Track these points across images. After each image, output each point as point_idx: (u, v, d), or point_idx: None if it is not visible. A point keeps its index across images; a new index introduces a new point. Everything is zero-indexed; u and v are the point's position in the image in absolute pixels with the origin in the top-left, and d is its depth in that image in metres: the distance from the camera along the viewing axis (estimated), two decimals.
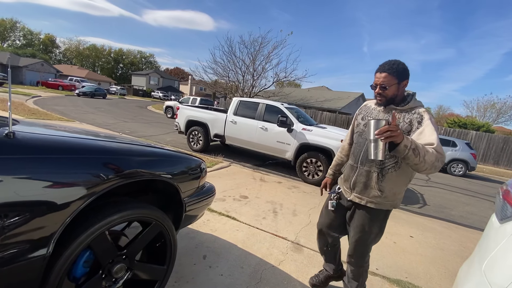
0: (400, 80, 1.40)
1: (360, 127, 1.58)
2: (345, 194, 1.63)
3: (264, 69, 16.30)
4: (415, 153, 1.20)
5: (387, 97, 1.42)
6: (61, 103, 14.82)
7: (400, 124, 1.39)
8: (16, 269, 0.86)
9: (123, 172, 1.22)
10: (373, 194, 1.47)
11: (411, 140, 1.21)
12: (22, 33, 56.68)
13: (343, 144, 1.84)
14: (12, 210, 0.84)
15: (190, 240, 2.32)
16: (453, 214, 4.81)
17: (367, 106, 1.64)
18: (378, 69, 1.42)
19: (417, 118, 1.37)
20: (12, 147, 0.87)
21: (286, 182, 4.92)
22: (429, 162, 1.23)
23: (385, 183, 1.44)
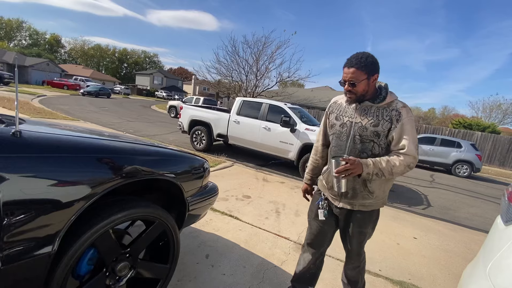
0: (370, 74, 1.30)
1: (336, 128, 1.45)
2: (333, 202, 1.51)
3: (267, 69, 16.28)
4: (379, 175, 1.27)
5: (357, 94, 1.33)
6: (66, 103, 14.96)
7: (380, 122, 1.31)
8: (22, 266, 0.88)
9: (127, 171, 1.23)
10: (364, 198, 1.39)
11: (373, 165, 1.25)
12: (28, 33, 57.35)
13: (316, 145, 1.68)
14: (19, 208, 0.85)
15: (193, 239, 2.34)
16: (457, 216, 4.76)
17: (338, 104, 1.51)
18: (345, 63, 1.32)
19: (396, 115, 1.30)
20: (19, 146, 0.89)
21: (289, 182, 4.91)
22: (398, 172, 1.28)
23: (374, 184, 1.37)
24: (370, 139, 1.33)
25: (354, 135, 1.36)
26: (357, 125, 1.36)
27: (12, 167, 0.84)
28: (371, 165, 1.26)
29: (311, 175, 1.71)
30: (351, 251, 1.53)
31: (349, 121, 1.39)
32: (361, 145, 1.35)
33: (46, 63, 33.78)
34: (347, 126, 1.39)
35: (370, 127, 1.32)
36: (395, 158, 1.28)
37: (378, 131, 1.31)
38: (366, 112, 1.36)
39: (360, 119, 1.35)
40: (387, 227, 3.39)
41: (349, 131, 1.38)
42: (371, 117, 1.33)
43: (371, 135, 1.32)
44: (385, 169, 1.26)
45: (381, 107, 1.34)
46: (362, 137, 1.34)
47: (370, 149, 1.35)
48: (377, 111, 1.34)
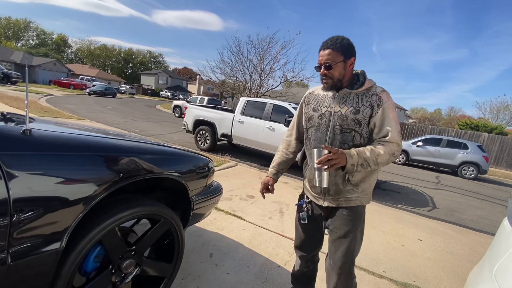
0: (347, 57, 1.23)
1: (314, 120, 1.35)
2: (317, 201, 1.40)
3: (271, 69, 16.25)
4: (364, 166, 1.18)
5: (333, 78, 1.25)
6: (72, 102, 15.15)
7: (361, 109, 1.24)
8: (31, 262, 0.89)
9: (134, 169, 1.25)
10: (348, 193, 1.30)
11: (357, 155, 1.16)
12: (36, 33, 58.21)
13: (288, 139, 1.59)
14: (28, 205, 0.87)
15: (197, 238, 2.35)
16: (463, 218, 4.71)
17: (314, 94, 1.42)
18: (321, 46, 1.26)
19: (376, 100, 1.23)
20: (29, 144, 0.91)
21: (293, 182, 4.91)
22: (383, 162, 1.20)
23: (356, 176, 1.28)
24: (350, 128, 1.25)
25: (334, 125, 1.28)
26: (336, 114, 1.28)
27: (22, 164, 0.86)
28: (355, 155, 1.16)
29: (277, 169, 1.58)
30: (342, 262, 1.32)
31: (328, 111, 1.31)
32: (341, 136, 1.27)
33: (53, 63, 34.26)
34: (326, 116, 1.31)
35: (351, 115, 1.25)
36: (380, 146, 1.20)
37: (359, 119, 1.24)
38: (345, 100, 1.28)
39: (339, 108, 1.27)
40: (391, 228, 3.36)
41: (328, 121, 1.30)
42: (351, 105, 1.26)
43: (351, 123, 1.25)
44: (370, 158, 1.17)
45: (360, 93, 1.26)
46: (342, 127, 1.26)
47: (351, 139, 1.26)
48: (357, 98, 1.26)
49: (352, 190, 1.30)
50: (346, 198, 1.31)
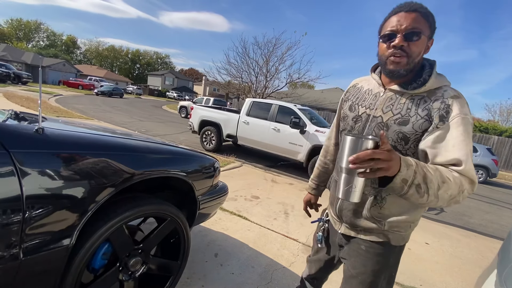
0: (431, 34, 0.86)
1: (348, 122, 1.02)
2: (334, 225, 1.10)
3: (277, 70, 16.32)
4: (420, 190, 0.72)
5: (411, 57, 0.83)
6: (81, 102, 15.40)
7: (411, 119, 0.84)
8: (42, 258, 0.91)
9: (142, 168, 1.27)
10: (369, 226, 0.95)
11: (416, 168, 0.72)
12: (46, 34, 59.54)
13: (327, 144, 1.28)
14: (40, 202, 0.89)
15: (202, 237, 2.36)
16: (472, 222, 4.63)
17: (356, 88, 1.07)
18: (399, 8, 0.85)
19: (442, 109, 0.81)
20: (42, 142, 0.93)
21: (298, 184, 4.89)
22: (446, 198, 0.75)
23: (389, 208, 0.91)
24: (391, 145, 0.86)
25: (368, 134, 0.92)
26: (375, 120, 0.92)
27: (35, 162, 0.88)
28: (414, 165, 0.72)
29: (317, 182, 1.32)
30: None
31: (366, 113, 0.96)
32: None
33: (63, 63, 34.92)
34: (362, 120, 0.96)
35: (394, 125, 0.87)
36: (447, 171, 0.77)
37: (406, 133, 0.85)
38: (393, 103, 0.90)
39: (381, 112, 0.91)
40: None
41: (362, 127, 0.96)
42: (398, 111, 0.88)
43: (393, 137, 0.87)
44: (433, 181, 0.73)
45: (417, 96, 0.87)
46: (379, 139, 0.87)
47: None
48: (409, 102, 0.87)
49: (375, 225, 0.94)
50: (363, 227, 0.97)
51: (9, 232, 0.82)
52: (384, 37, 0.86)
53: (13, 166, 0.81)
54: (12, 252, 0.83)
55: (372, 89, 0.99)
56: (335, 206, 1.05)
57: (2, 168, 0.80)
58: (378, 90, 0.96)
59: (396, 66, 0.85)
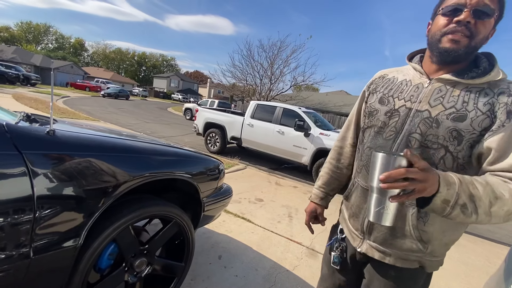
0: (499, 19, 0.73)
1: (378, 118, 0.86)
2: (352, 241, 0.93)
3: (282, 73, 16.32)
4: (466, 210, 0.62)
5: (473, 38, 0.71)
6: (87, 103, 15.61)
7: (469, 113, 0.71)
8: (51, 257, 0.94)
9: (149, 170, 1.29)
10: (408, 247, 0.80)
11: (459, 187, 0.61)
12: (55, 37, 60.84)
13: (339, 145, 1.08)
14: (50, 202, 0.91)
15: (206, 239, 2.37)
16: (479, 228, 4.55)
17: (387, 78, 0.92)
18: None
19: (509, 103, 0.69)
20: (53, 144, 0.96)
21: (302, 187, 4.88)
22: (501, 214, 0.63)
23: (431, 226, 0.77)
24: (440, 144, 0.74)
25: (411, 131, 0.77)
26: (420, 114, 0.77)
27: (46, 163, 0.91)
28: (457, 183, 0.62)
29: (326, 190, 1.11)
30: None
31: (405, 106, 0.80)
32: (420, 152, 0.76)
33: (70, 65, 35.54)
34: (400, 114, 0.81)
35: (447, 121, 0.73)
36: (501, 183, 0.65)
37: (462, 131, 0.71)
38: (443, 95, 0.75)
39: (428, 106, 0.76)
40: None
41: (401, 123, 0.80)
42: (451, 104, 0.73)
43: (445, 136, 0.73)
44: (482, 199, 0.62)
45: (475, 87, 0.73)
46: (425, 138, 0.75)
47: (437, 161, 0.75)
48: (466, 94, 0.73)
49: (415, 245, 0.79)
50: (399, 254, 0.82)
51: (21, 231, 0.84)
52: (448, 8, 0.72)
53: (25, 167, 0.84)
54: (23, 250, 0.86)
55: (411, 79, 0.84)
56: (361, 218, 0.88)
57: (15, 168, 0.83)
58: (420, 81, 0.81)
59: (454, 45, 0.71)
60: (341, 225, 1.02)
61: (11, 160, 0.82)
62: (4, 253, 0.83)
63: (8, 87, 15.27)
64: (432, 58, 0.80)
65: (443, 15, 0.74)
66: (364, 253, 0.87)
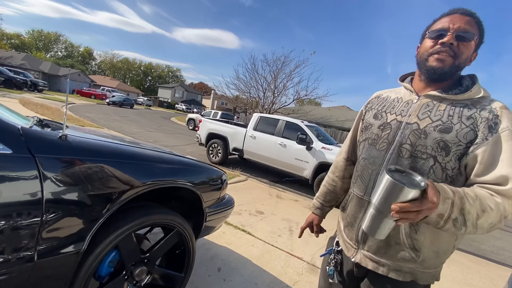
0: (479, 43, 0.82)
1: (372, 131, 0.93)
2: (347, 251, 0.96)
3: (285, 86, 16.56)
4: (456, 224, 0.67)
5: (457, 58, 0.79)
6: (92, 111, 15.79)
7: (454, 126, 0.77)
8: (55, 261, 0.94)
9: (154, 177, 1.30)
10: (401, 256, 0.82)
11: (453, 201, 0.65)
12: (64, 45, 62.42)
13: (337, 159, 1.17)
14: (58, 206, 0.92)
15: (206, 251, 2.35)
16: (482, 249, 4.46)
17: (381, 98, 1.00)
18: (454, 10, 0.82)
19: (489, 119, 0.74)
20: (65, 148, 0.98)
21: (303, 200, 4.84)
22: (485, 227, 0.68)
23: (422, 234, 0.80)
24: (428, 154, 0.78)
25: (401, 142, 0.83)
26: (409, 126, 0.83)
27: (57, 167, 0.93)
28: (451, 199, 0.65)
29: (322, 201, 1.19)
30: None
31: (397, 120, 0.87)
32: (411, 162, 0.81)
33: (78, 73, 36.21)
34: (392, 127, 0.87)
35: (434, 132, 0.78)
36: (488, 196, 0.69)
37: (448, 142, 0.76)
38: (430, 109, 0.82)
39: (417, 119, 0.83)
40: None
41: (393, 135, 0.86)
42: (438, 117, 0.80)
43: (433, 146, 0.78)
44: (471, 213, 0.66)
45: (459, 103, 0.80)
46: (414, 148, 0.81)
47: (427, 171, 0.79)
48: (451, 108, 0.80)
49: (407, 254, 0.82)
50: (392, 263, 0.84)
51: (27, 233, 0.85)
52: (433, 33, 0.82)
53: (36, 170, 0.86)
54: (27, 253, 0.86)
55: (402, 97, 0.92)
56: (356, 228, 0.91)
57: (27, 171, 0.84)
58: (410, 98, 0.89)
59: (440, 63, 0.80)
60: (337, 237, 1.05)
61: (24, 162, 0.84)
62: (8, 256, 0.83)
63: (16, 92, 15.53)
64: (421, 77, 0.89)
65: (429, 38, 0.84)
66: (358, 263, 0.90)
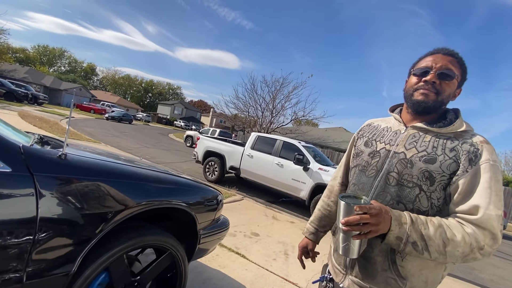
0: (461, 82, 0.90)
1: (362, 158, 0.97)
2: (335, 276, 0.98)
3: (283, 107, 16.89)
4: (417, 247, 0.73)
5: (440, 95, 0.86)
6: (90, 125, 15.82)
7: (438, 157, 0.81)
8: (43, 283, 0.91)
9: (149, 197, 1.30)
10: (388, 283, 0.84)
11: (410, 224, 0.74)
12: (68, 61, 63.62)
13: (331, 184, 1.19)
14: (51, 225, 0.92)
15: (198, 274, 2.27)
16: (482, 277, 4.36)
17: (372, 126, 1.06)
18: (436, 50, 0.90)
19: (470, 151, 0.79)
20: (63, 168, 0.99)
21: (299, 223, 4.77)
22: (456, 255, 0.73)
23: (408, 262, 0.82)
24: (414, 183, 0.83)
25: (389, 170, 0.87)
26: (397, 156, 0.88)
27: (54, 186, 0.93)
28: (408, 223, 0.74)
29: (316, 226, 1.18)
30: None
31: (385, 149, 0.92)
32: (397, 190, 0.85)
33: (79, 88, 36.67)
34: (380, 155, 0.92)
35: (419, 162, 0.83)
36: (457, 227, 0.74)
37: (432, 172, 0.80)
38: (416, 140, 0.88)
39: (404, 149, 0.88)
40: None
41: (381, 163, 0.90)
42: (423, 148, 0.85)
43: (418, 176, 0.82)
44: (433, 239, 0.72)
45: (443, 135, 0.85)
46: (401, 176, 0.85)
47: (412, 199, 0.82)
48: (435, 140, 0.85)
49: (394, 281, 0.83)
50: (378, 283, 0.85)
51: (18, 253, 0.84)
52: (417, 71, 0.90)
53: (33, 189, 0.86)
54: (16, 275, 0.84)
55: (391, 127, 0.98)
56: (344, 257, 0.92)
57: (24, 189, 0.85)
58: (399, 128, 0.95)
59: (424, 97, 0.87)
60: (329, 261, 1.06)
61: (22, 181, 0.85)
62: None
63: (15, 105, 15.59)
64: (408, 109, 0.95)
65: (414, 75, 0.92)
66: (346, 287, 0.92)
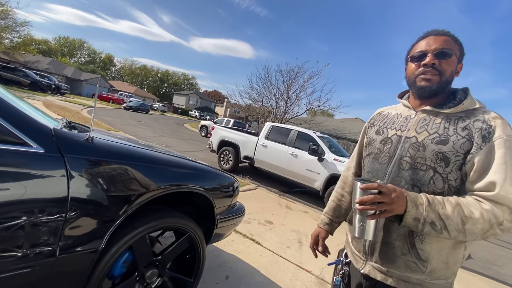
0: (461, 56, 0.88)
1: (375, 146, 0.98)
2: (355, 263, 0.97)
3: (298, 97, 16.60)
4: (435, 227, 0.73)
5: (443, 75, 0.85)
6: (109, 115, 16.35)
7: (451, 138, 0.81)
8: (75, 257, 0.98)
9: (171, 181, 1.34)
10: (407, 267, 0.83)
11: (428, 205, 0.73)
12: (87, 52, 65.44)
13: (345, 174, 1.19)
14: (81, 204, 0.97)
15: (214, 258, 2.35)
16: (503, 273, 4.22)
17: (383, 115, 1.06)
18: (428, 33, 0.89)
19: (484, 129, 0.78)
20: (91, 150, 1.03)
21: (313, 212, 4.77)
22: (475, 232, 0.72)
23: (428, 245, 0.81)
24: (428, 165, 0.82)
25: (402, 155, 0.88)
26: (408, 140, 0.88)
27: (83, 167, 0.98)
28: (425, 204, 0.74)
29: (331, 216, 1.18)
30: None
31: (396, 135, 0.93)
32: (411, 174, 0.85)
33: (99, 78, 37.76)
34: (392, 142, 0.92)
35: (432, 145, 0.83)
36: (475, 204, 0.73)
37: (446, 153, 0.80)
38: (427, 123, 0.87)
39: (415, 133, 0.88)
40: None
41: (394, 149, 0.91)
42: (434, 130, 0.85)
43: (432, 158, 0.82)
44: (451, 218, 0.72)
45: (453, 115, 0.84)
46: (414, 160, 0.85)
47: (427, 182, 0.82)
48: (446, 121, 0.84)
49: (414, 264, 0.82)
50: (400, 275, 0.84)
51: (52, 229, 0.90)
52: (414, 57, 0.89)
53: (65, 170, 0.91)
54: (50, 248, 0.90)
55: (401, 113, 0.98)
56: (363, 239, 0.92)
57: (56, 170, 0.90)
58: (408, 113, 0.95)
59: (428, 82, 0.86)
60: (346, 249, 1.07)
61: (54, 162, 0.90)
62: (33, 250, 0.88)
63: (40, 95, 16.32)
64: (414, 95, 0.95)
65: (412, 61, 0.91)
66: (367, 274, 0.91)
